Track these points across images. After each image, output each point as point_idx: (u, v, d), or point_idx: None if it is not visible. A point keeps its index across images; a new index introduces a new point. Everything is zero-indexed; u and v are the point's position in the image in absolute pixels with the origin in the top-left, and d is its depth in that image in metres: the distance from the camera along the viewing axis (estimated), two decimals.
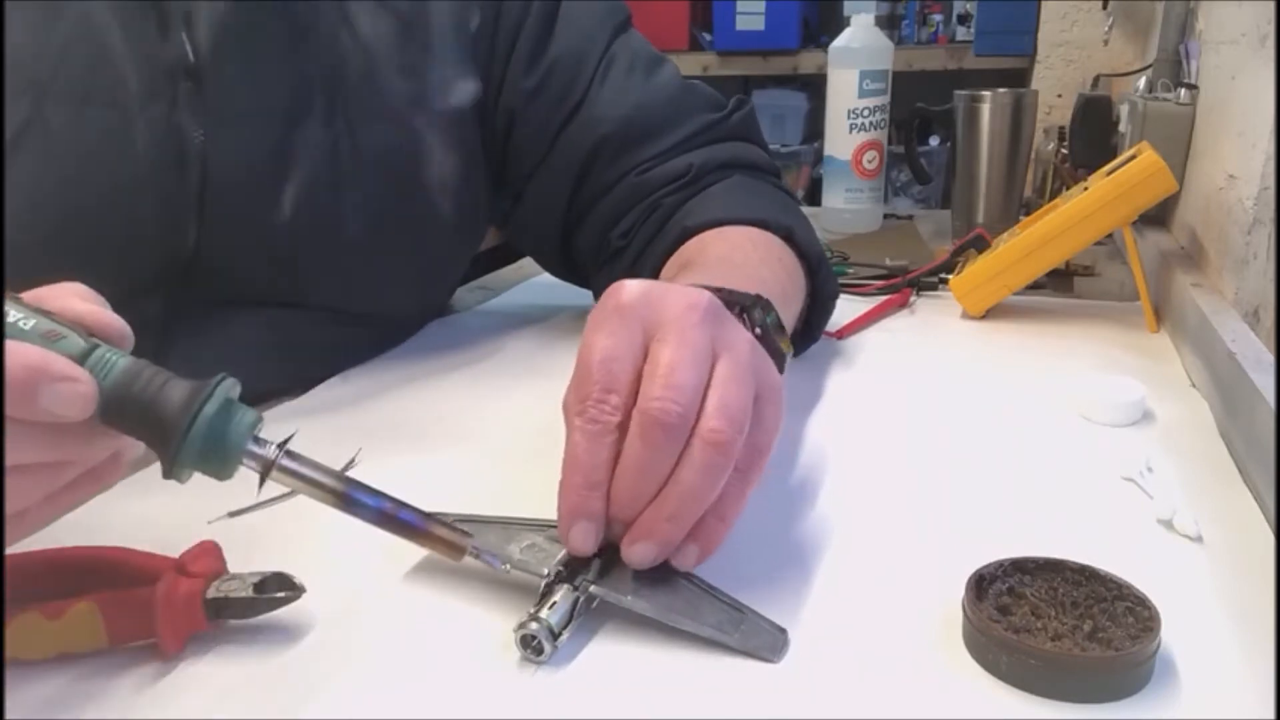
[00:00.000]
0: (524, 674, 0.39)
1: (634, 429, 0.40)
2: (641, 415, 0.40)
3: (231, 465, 0.38)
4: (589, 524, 0.41)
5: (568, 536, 0.41)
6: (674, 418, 0.40)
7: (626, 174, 0.73)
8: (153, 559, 0.41)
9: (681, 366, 0.41)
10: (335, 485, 0.40)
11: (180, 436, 0.36)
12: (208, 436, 0.36)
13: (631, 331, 0.42)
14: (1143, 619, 0.38)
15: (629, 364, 0.42)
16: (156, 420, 0.36)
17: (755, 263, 0.62)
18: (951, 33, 2.28)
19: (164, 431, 0.36)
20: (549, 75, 0.72)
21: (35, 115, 0.56)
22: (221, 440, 0.37)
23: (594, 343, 0.42)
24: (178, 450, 0.36)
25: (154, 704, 0.38)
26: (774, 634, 0.40)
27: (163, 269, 0.61)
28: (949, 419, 0.63)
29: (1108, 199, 0.78)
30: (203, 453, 0.37)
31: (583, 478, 0.41)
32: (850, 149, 1.18)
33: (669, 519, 0.41)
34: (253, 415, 0.38)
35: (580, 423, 0.41)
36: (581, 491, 0.41)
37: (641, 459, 0.40)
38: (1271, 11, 0.71)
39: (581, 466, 0.41)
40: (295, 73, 0.64)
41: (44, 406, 0.34)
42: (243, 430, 0.37)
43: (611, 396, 0.41)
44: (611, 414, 0.41)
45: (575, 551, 0.41)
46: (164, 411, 0.36)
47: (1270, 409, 0.51)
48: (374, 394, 0.69)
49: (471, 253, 0.82)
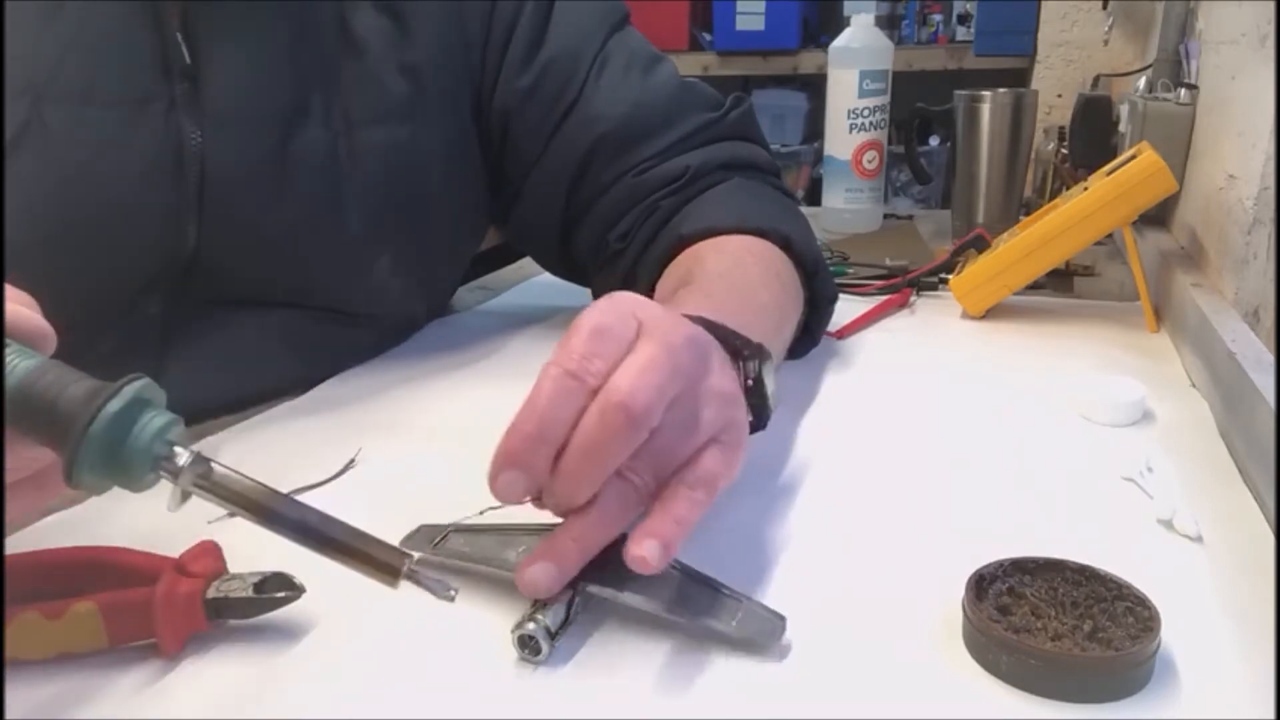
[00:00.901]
0: (522, 674, 0.39)
1: (594, 408, 0.38)
2: (606, 395, 0.38)
3: (137, 471, 0.34)
4: (521, 476, 0.38)
5: (494, 481, 0.39)
6: (641, 406, 0.38)
7: (624, 174, 0.73)
8: (153, 559, 0.41)
9: (658, 367, 0.39)
10: (255, 499, 0.36)
11: (77, 438, 0.33)
12: (108, 439, 0.33)
13: (625, 320, 0.41)
14: (1143, 619, 0.38)
15: (618, 344, 0.40)
16: (55, 421, 0.33)
17: (754, 283, 0.61)
18: (951, 33, 2.28)
19: (62, 433, 0.33)
20: (544, 74, 0.72)
21: (33, 116, 0.56)
22: (123, 444, 0.34)
23: (587, 317, 0.41)
24: (75, 450, 0.33)
25: (154, 704, 0.37)
26: (772, 620, 0.40)
27: (162, 269, 0.61)
28: (949, 419, 0.63)
29: (1108, 199, 0.78)
30: (104, 457, 0.33)
31: (535, 427, 0.38)
32: (850, 149, 1.18)
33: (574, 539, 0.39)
34: (166, 419, 0.35)
35: (556, 372, 0.39)
36: (530, 440, 0.38)
37: (594, 440, 0.38)
38: (1271, 11, 0.71)
39: (539, 414, 0.38)
40: (293, 73, 0.64)
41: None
42: (149, 435, 0.34)
43: (596, 361, 0.39)
44: (590, 377, 0.39)
45: (498, 498, 0.39)
46: (63, 411, 0.33)
47: (1270, 409, 0.51)
48: (374, 394, 0.69)
49: (471, 253, 0.82)
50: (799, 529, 0.50)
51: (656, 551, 0.38)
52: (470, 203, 0.75)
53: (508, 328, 0.84)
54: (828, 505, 0.52)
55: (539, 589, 0.39)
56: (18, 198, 0.55)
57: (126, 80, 0.58)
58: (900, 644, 0.40)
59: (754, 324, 0.53)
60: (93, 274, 0.59)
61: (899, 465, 0.57)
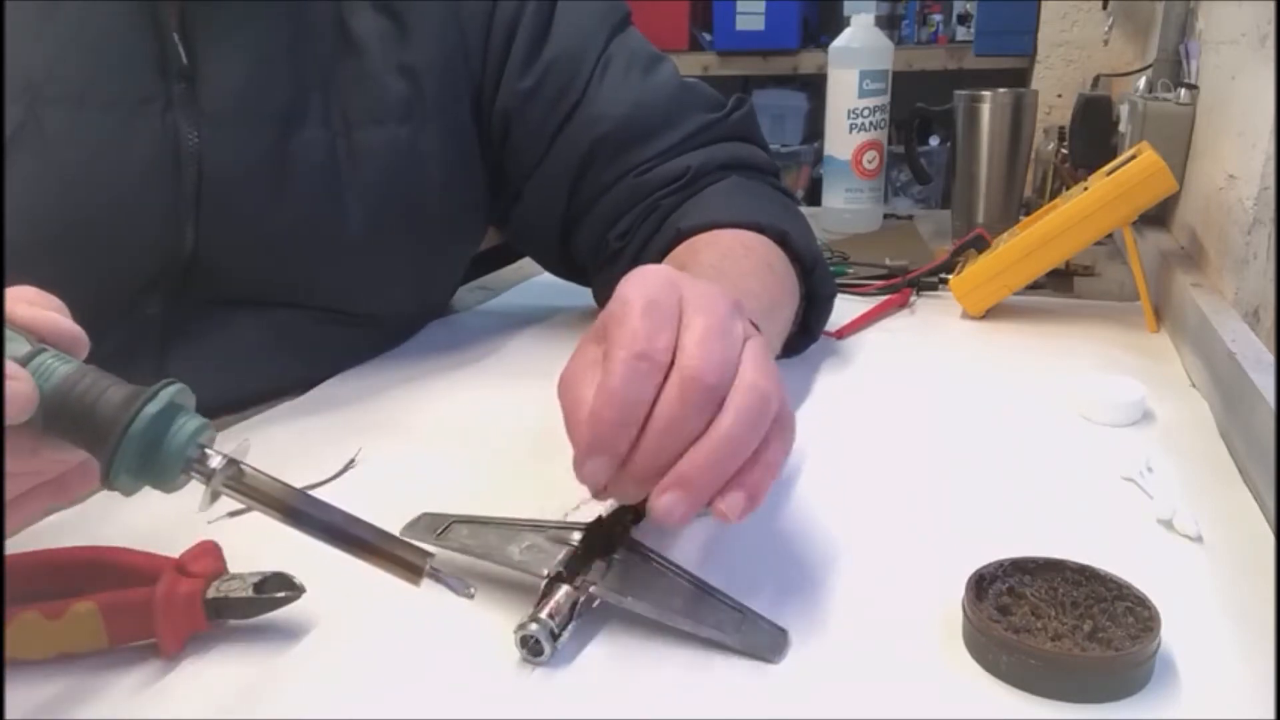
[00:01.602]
0: (524, 674, 0.39)
1: (672, 385, 0.38)
2: (681, 371, 0.38)
3: (171, 473, 0.35)
4: (608, 460, 0.39)
5: (583, 466, 0.39)
6: (714, 376, 0.38)
7: (625, 174, 0.73)
8: (153, 559, 0.41)
9: (717, 335, 0.39)
10: (284, 500, 0.37)
11: (116, 439, 0.34)
12: (145, 441, 0.34)
13: (669, 292, 0.41)
14: (1143, 619, 0.38)
15: (671, 317, 0.40)
16: (93, 424, 0.34)
17: (744, 272, 0.62)
18: (951, 33, 2.28)
19: (100, 435, 0.34)
20: (546, 75, 0.72)
21: (30, 117, 0.56)
22: (159, 446, 0.35)
23: (635, 292, 0.40)
24: (113, 454, 0.34)
25: (154, 704, 0.38)
26: (774, 634, 0.40)
27: (161, 270, 0.61)
28: (949, 419, 0.63)
29: (1108, 199, 0.78)
30: (141, 459, 0.35)
31: (617, 412, 0.38)
32: (850, 149, 1.18)
33: (708, 466, 0.38)
34: (198, 423, 0.36)
35: (626, 355, 0.38)
36: (614, 426, 0.38)
37: (676, 415, 0.38)
38: (1271, 11, 0.71)
39: (618, 400, 0.38)
40: (291, 73, 0.64)
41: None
42: (184, 437, 0.35)
43: (662, 335, 0.39)
44: (664, 351, 0.39)
45: (586, 484, 0.39)
46: (101, 414, 0.34)
47: (1270, 409, 0.51)
48: (374, 394, 0.69)
49: (471, 253, 0.82)
50: (799, 529, 0.50)
51: (740, 503, 0.39)
52: (470, 203, 0.75)
53: (508, 328, 0.84)
54: (828, 505, 0.52)
55: (673, 518, 0.38)
56: (16, 198, 0.55)
57: (124, 81, 0.58)
58: (900, 644, 0.40)
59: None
60: (92, 274, 0.59)
61: (899, 465, 0.57)
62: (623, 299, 0.40)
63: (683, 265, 0.63)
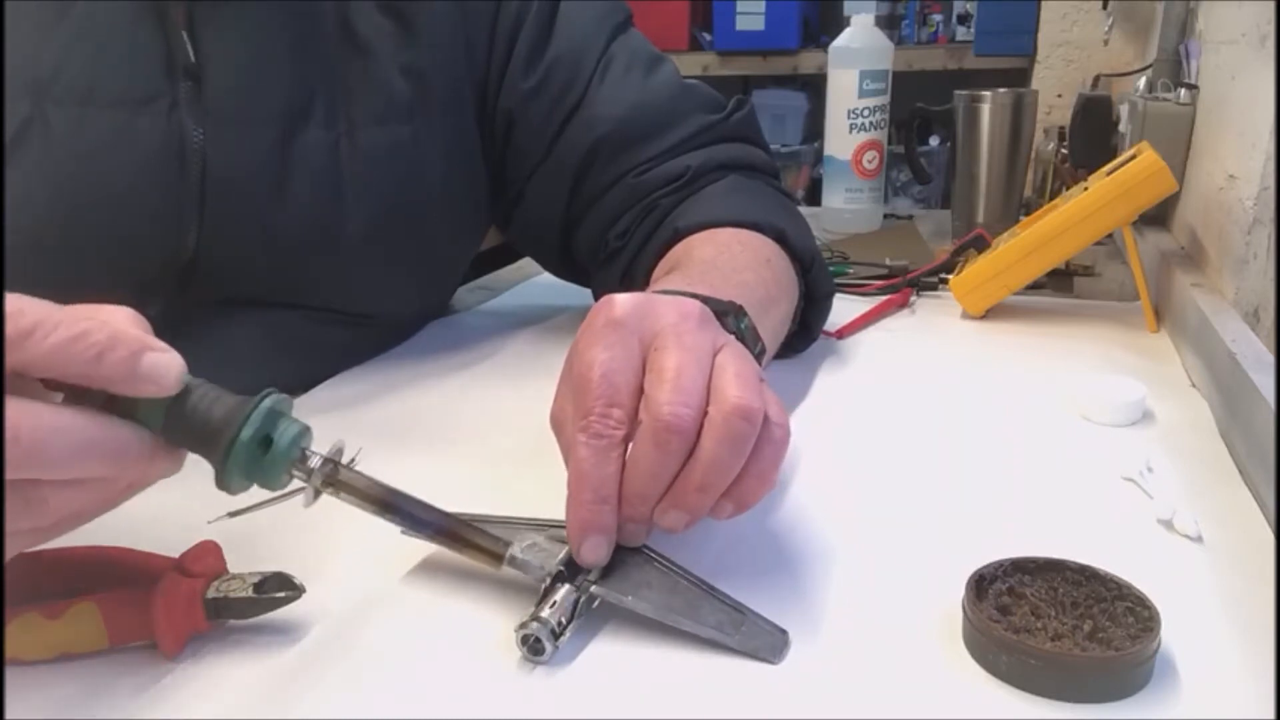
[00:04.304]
0: (524, 674, 0.39)
1: (645, 435, 0.41)
2: (654, 422, 0.40)
3: (277, 474, 0.39)
4: (600, 538, 0.41)
5: (579, 552, 0.41)
6: (686, 421, 0.40)
7: (625, 174, 0.73)
8: (153, 559, 0.41)
9: (686, 370, 0.41)
10: (379, 496, 0.41)
11: (228, 444, 0.37)
12: (255, 445, 0.37)
13: (628, 344, 0.43)
14: (1143, 619, 0.38)
15: (629, 376, 0.42)
16: (210, 429, 0.37)
17: (739, 266, 0.62)
18: (951, 33, 2.28)
19: (214, 440, 0.37)
20: (548, 76, 0.72)
21: (36, 115, 0.56)
22: (268, 449, 0.38)
23: (591, 358, 0.42)
24: (226, 457, 0.37)
25: (154, 704, 0.37)
26: (775, 635, 0.40)
27: (163, 269, 0.61)
28: (949, 419, 0.63)
29: (1108, 199, 0.78)
30: (250, 462, 0.37)
31: (592, 493, 0.41)
32: (850, 149, 1.18)
33: (698, 490, 0.41)
34: (299, 427, 0.39)
35: (585, 438, 0.41)
36: (592, 506, 0.41)
37: (654, 464, 0.41)
38: (1271, 11, 0.71)
39: (590, 481, 0.41)
40: (296, 73, 0.64)
41: (144, 373, 0.35)
42: (287, 440, 0.38)
43: (615, 410, 0.41)
44: (616, 428, 0.41)
45: (589, 565, 0.42)
46: (215, 419, 0.37)
47: (1270, 409, 0.51)
48: (374, 394, 0.69)
49: (472, 253, 0.82)
50: (799, 528, 0.50)
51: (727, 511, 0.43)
52: (471, 203, 0.75)
53: (508, 328, 0.84)
54: (828, 505, 0.52)
55: (677, 530, 0.42)
56: (20, 196, 0.55)
57: (130, 79, 0.58)
58: (900, 644, 0.40)
59: (732, 297, 0.54)
60: (95, 272, 0.59)
61: (899, 465, 0.57)
62: (582, 361, 0.43)
63: (678, 262, 0.64)
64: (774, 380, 0.69)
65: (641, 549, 0.43)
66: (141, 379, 0.35)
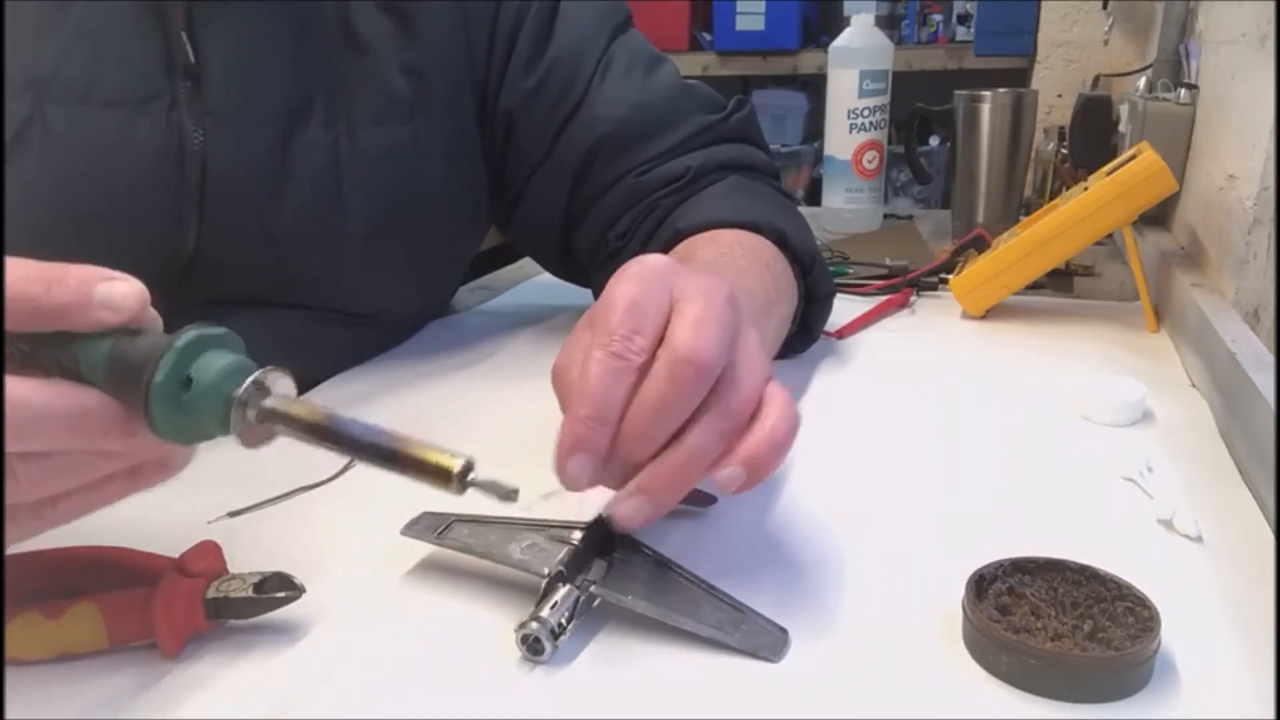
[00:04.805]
0: (524, 674, 0.39)
1: (660, 367, 0.39)
2: (671, 353, 0.39)
3: (203, 422, 0.34)
4: (589, 459, 0.39)
5: (564, 468, 0.39)
6: (705, 359, 0.38)
7: (625, 175, 0.73)
8: (153, 559, 0.41)
9: (711, 322, 0.40)
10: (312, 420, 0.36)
11: (145, 390, 0.33)
12: (170, 390, 0.33)
13: (658, 288, 0.41)
14: (1143, 619, 0.38)
15: (657, 315, 0.40)
16: (129, 375, 0.33)
17: (740, 270, 0.62)
18: (951, 33, 2.28)
19: (135, 386, 0.33)
20: (548, 76, 0.72)
21: (35, 115, 0.56)
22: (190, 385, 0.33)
23: (620, 290, 0.41)
24: (145, 407, 0.33)
25: (154, 704, 0.37)
26: (775, 633, 0.40)
27: (163, 269, 0.61)
28: (949, 419, 0.64)
29: (1108, 199, 0.78)
30: (169, 410, 0.33)
31: (594, 410, 0.39)
32: (850, 149, 1.18)
33: (671, 475, 0.39)
34: (226, 361, 0.34)
35: (602, 355, 0.39)
36: (590, 424, 0.39)
37: (664, 397, 0.39)
38: (1271, 11, 0.71)
39: (594, 398, 0.39)
40: (295, 73, 0.64)
41: (100, 299, 0.33)
42: (207, 381, 0.34)
43: (638, 338, 0.39)
44: (638, 354, 0.39)
45: (568, 486, 0.40)
46: (133, 363, 0.33)
47: (1270, 409, 0.51)
48: (374, 394, 0.69)
49: (472, 252, 0.82)
50: (799, 529, 0.50)
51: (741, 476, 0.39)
52: (471, 203, 0.75)
53: (508, 328, 0.84)
54: (828, 505, 0.52)
55: (633, 523, 0.40)
56: (20, 195, 0.55)
57: (129, 79, 0.58)
58: (900, 644, 0.40)
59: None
60: None
61: (899, 465, 0.57)
62: (610, 294, 0.41)
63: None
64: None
65: (641, 548, 0.43)
66: (97, 305, 0.33)
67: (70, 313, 0.33)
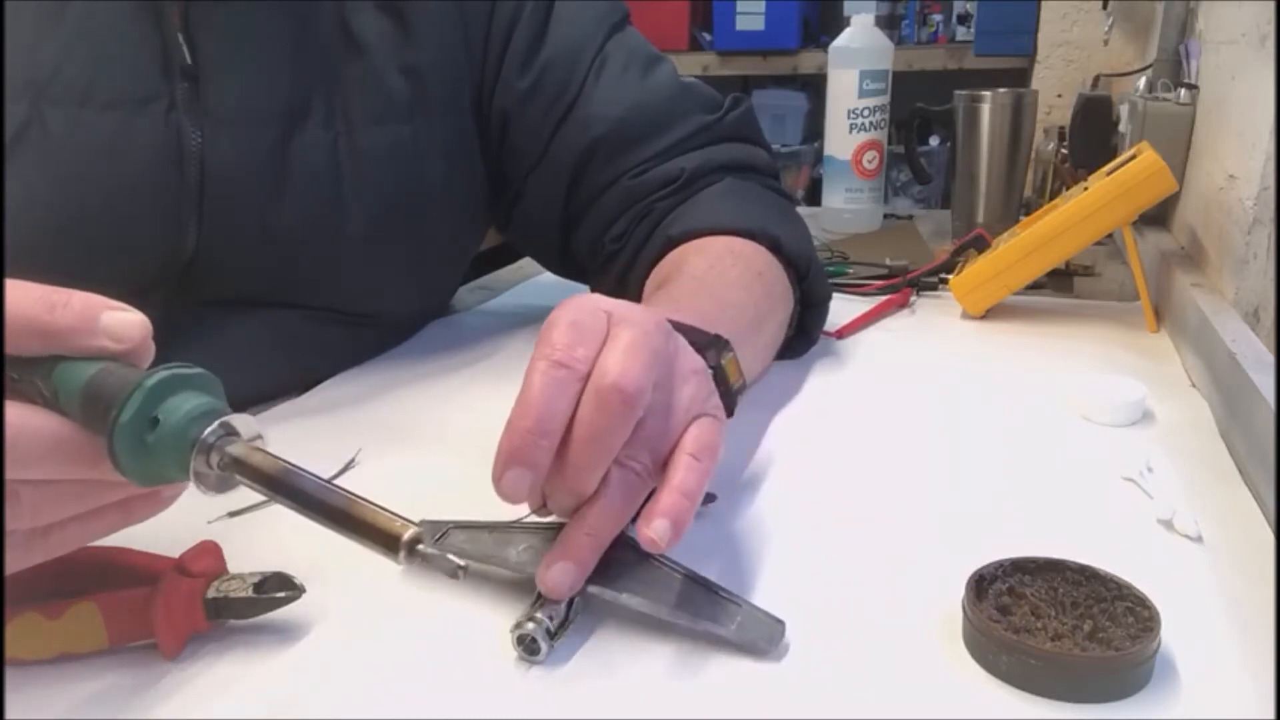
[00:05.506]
0: (520, 674, 0.39)
1: (589, 394, 0.39)
2: (599, 379, 0.39)
3: (167, 465, 0.33)
4: (526, 473, 0.38)
5: (500, 479, 0.38)
6: (632, 387, 0.39)
7: (621, 175, 0.73)
8: (153, 559, 0.41)
9: (641, 348, 0.40)
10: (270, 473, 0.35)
11: (110, 429, 0.32)
12: (135, 431, 0.32)
13: (595, 314, 0.42)
14: (1143, 619, 0.38)
15: (596, 335, 0.41)
16: (98, 412, 0.33)
17: (730, 282, 0.62)
18: (951, 33, 2.28)
19: (102, 425, 0.33)
20: (543, 75, 0.72)
21: (34, 116, 0.56)
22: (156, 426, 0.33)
23: (560, 313, 0.42)
24: (109, 445, 0.32)
25: (154, 704, 0.37)
26: (771, 625, 0.40)
27: (162, 270, 0.61)
28: (949, 419, 0.63)
29: (1108, 199, 0.78)
30: (135, 451, 0.33)
31: (534, 422, 0.38)
32: (850, 149, 1.18)
33: (589, 533, 0.40)
34: (194, 404, 0.33)
35: (544, 365, 0.39)
36: (529, 436, 0.38)
37: (594, 425, 0.39)
38: (1271, 11, 0.71)
39: (536, 409, 0.38)
40: (294, 74, 0.64)
41: (102, 328, 0.34)
42: (173, 424, 0.33)
43: (580, 349, 0.40)
44: (580, 363, 0.39)
45: (505, 498, 0.39)
46: (101, 401, 0.33)
47: (1270, 409, 0.51)
48: (374, 394, 0.69)
49: (472, 253, 0.82)
50: (799, 528, 0.50)
51: (666, 530, 0.39)
52: (470, 203, 0.75)
53: (508, 328, 0.84)
54: (827, 505, 0.52)
55: (562, 590, 0.40)
56: (18, 197, 0.55)
57: (127, 80, 0.58)
58: (900, 644, 0.40)
59: (719, 319, 0.54)
60: (93, 274, 0.58)
61: (899, 465, 0.57)
62: (551, 318, 0.42)
63: (669, 275, 0.64)
64: (774, 380, 0.69)
65: (636, 547, 0.43)
66: (100, 333, 0.33)
67: (73, 337, 0.34)
